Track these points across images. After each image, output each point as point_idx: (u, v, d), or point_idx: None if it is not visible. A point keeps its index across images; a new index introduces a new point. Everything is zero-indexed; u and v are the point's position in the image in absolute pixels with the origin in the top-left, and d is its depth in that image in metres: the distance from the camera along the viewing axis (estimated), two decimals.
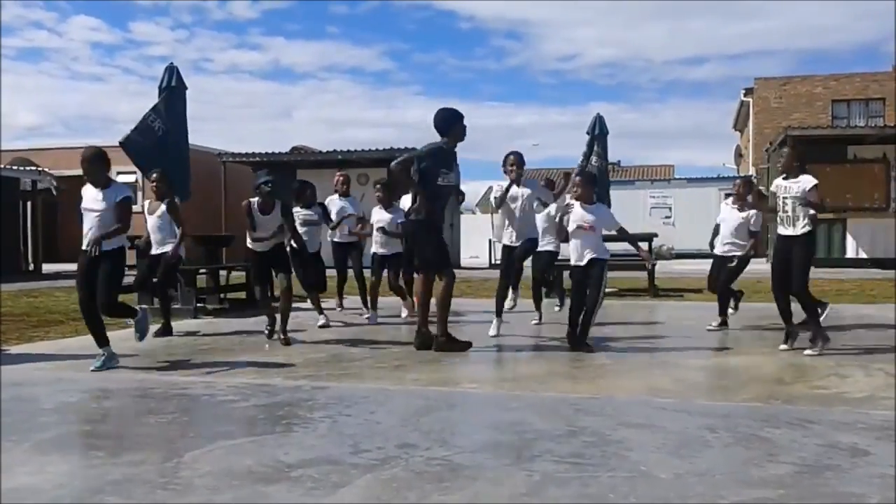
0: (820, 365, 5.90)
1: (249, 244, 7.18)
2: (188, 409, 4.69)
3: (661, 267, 13.35)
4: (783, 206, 6.37)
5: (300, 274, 8.17)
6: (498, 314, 7.45)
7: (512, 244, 7.40)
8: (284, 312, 7.07)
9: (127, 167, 10.68)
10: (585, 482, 3.19)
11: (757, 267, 8.17)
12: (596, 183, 7.24)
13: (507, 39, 79.09)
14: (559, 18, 76.53)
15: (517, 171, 7.30)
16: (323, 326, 8.13)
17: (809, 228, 6.27)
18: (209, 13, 75.02)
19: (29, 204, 18.75)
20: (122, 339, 6.96)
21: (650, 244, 12.10)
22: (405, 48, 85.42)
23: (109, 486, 3.17)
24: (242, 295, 10.50)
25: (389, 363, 6.07)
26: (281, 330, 7.05)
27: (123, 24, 78.59)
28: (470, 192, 8.76)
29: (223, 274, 10.56)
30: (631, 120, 77.66)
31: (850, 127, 22.79)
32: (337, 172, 9.80)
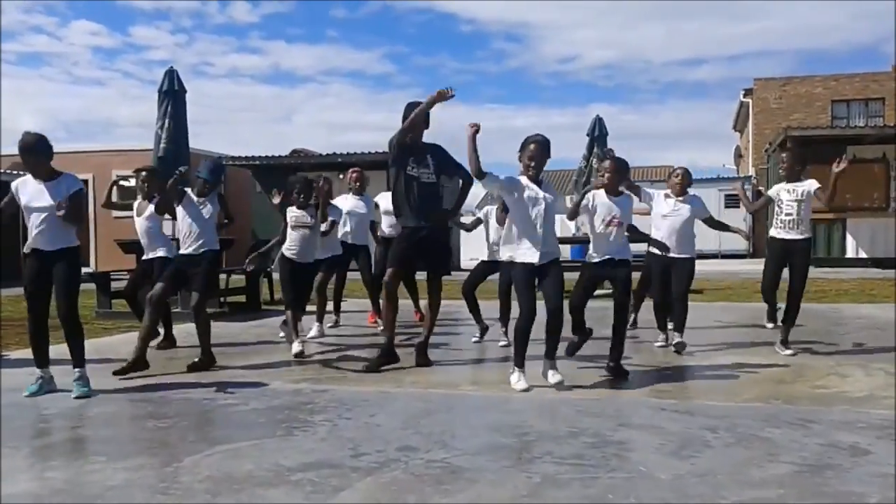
0: (820, 364, 5.91)
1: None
2: (188, 413, 4.68)
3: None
4: (784, 210, 6.37)
5: (286, 287, 6.89)
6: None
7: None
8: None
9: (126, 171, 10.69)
10: (586, 483, 3.20)
11: (757, 267, 8.17)
12: (627, 172, 6.13)
13: (507, 42, 79.16)
14: (559, 20, 76.64)
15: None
16: (297, 355, 6.44)
17: (810, 234, 6.44)
18: (209, 17, 75.22)
19: None
20: (124, 342, 6.98)
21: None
22: (406, 51, 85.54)
23: (109, 491, 3.17)
24: (242, 298, 10.50)
25: (389, 366, 6.05)
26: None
27: (124, 28, 78.83)
28: (471, 193, 8.61)
29: (223, 277, 10.55)
30: (631, 121, 77.70)
31: (849, 127, 22.76)
32: (350, 170, 8.72)
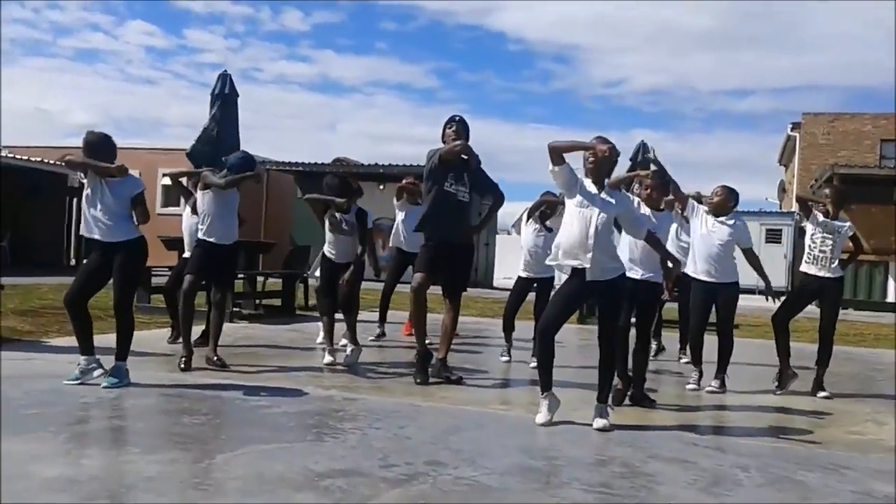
0: (856, 410, 5.80)
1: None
2: (221, 411, 4.76)
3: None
4: (819, 245, 6.29)
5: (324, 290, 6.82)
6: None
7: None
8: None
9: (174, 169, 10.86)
10: None
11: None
12: (669, 187, 5.84)
13: (554, 63, 79.07)
14: (608, 43, 76.42)
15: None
16: (328, 364, 6.46)
17: (842, 273, 6.39)
18: (262, 24, 76.35)
19: (74, 200, 19.15)
20: (159, 337, 7.10)
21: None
22: (452, 66, 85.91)
23: (143, 482, 3.23)
24: (277, 302, 10.61)
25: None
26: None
27: (178, 30, 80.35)
28: (506, 213, 8.73)
29: (259, 280, 10.69)
30: (673, 149, 77.01)
31: None
32: (406, 180, 8.62)
